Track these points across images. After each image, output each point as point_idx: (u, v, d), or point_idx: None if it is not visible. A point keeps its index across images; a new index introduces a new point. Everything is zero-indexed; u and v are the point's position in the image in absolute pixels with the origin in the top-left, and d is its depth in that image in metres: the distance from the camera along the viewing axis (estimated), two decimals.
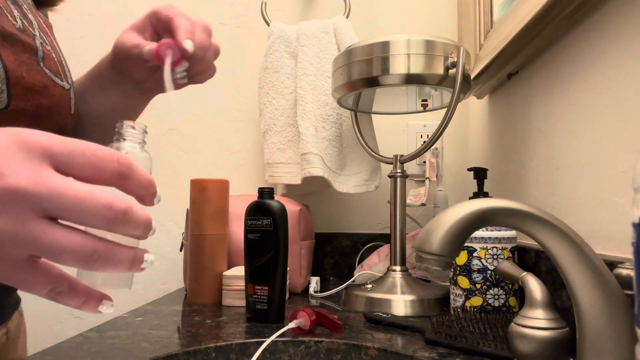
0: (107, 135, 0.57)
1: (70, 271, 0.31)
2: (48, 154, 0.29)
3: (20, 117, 0.48)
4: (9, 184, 0.27)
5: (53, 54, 0.53)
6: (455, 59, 0.83)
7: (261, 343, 0.59)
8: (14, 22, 0.47)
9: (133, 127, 0.40)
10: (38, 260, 0.30)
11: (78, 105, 0.62)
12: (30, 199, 0.27)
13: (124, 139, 0.40)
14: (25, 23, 0.50)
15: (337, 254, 1.21)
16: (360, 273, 1.00)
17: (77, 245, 0.29)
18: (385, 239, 1.19)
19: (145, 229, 0.31)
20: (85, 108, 0.64)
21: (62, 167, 0.29)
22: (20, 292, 0.62)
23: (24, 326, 0.65)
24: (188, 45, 0.53)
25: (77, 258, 0.29)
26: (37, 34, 0.51)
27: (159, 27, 0.58)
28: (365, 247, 1.19)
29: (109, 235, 0.31)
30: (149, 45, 0.56)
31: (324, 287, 1.04)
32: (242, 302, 0.83)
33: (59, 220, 0.29)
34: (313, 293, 0.96)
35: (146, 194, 0.32)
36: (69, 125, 0.55)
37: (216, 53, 0.60)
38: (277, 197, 1.08)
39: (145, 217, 0.31)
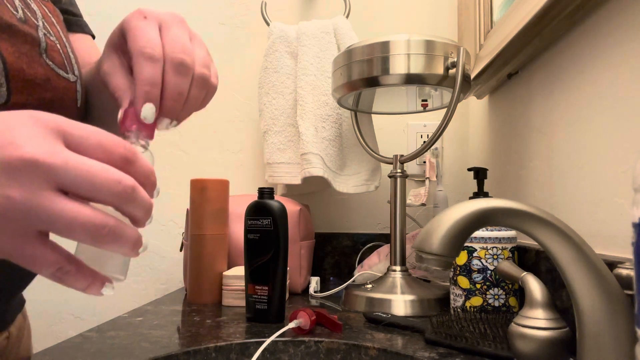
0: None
1: None
2: (62, 132, 0.30)
3: None
4: (25, 153, 0.27)
5: (58, 45, 0.51)
6: (455, 59, 0.83)
7: (261, 343, 0.59)
8: (14, 12, 0.46)
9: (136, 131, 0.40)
10: (47, 236, 0.30)
11: (89, 96, 0.59)
12: (45, 170, 0.28)
13: (127, 137, 0.40)
14: (28, 13, 0.48)
15: (337, 254, 1.21)
16: (360, 273, 1.00)
17: (89, 218, 0.29)
18: (385, 239, 1.19)
19: (147, 211, 0.32)
20: (95, 100, 0.61)
21: (74, 146, 0.30)
22: (23, 293, 0.62)
23: (27, 328, 0.65)
24: (147, 114, 0.40)
25: (88, 232, 0.29)
26: (41, 24, 0.49)
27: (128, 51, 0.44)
28: (365, 247, 1.19)
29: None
30: (119, 115, 0.42)
31: (324, 287, 1.04)
32: (242, 302, 0.83)
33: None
34: (313, 293, 0.96)
35: (147, 183, 0.33)
36: (76, 119, 0.53)
37: (205, 82, 0.44)
38: (277, 197, 1.08)
39: (148, 200, 0.32)
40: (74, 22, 0.65)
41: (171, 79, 0.41)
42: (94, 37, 0.70)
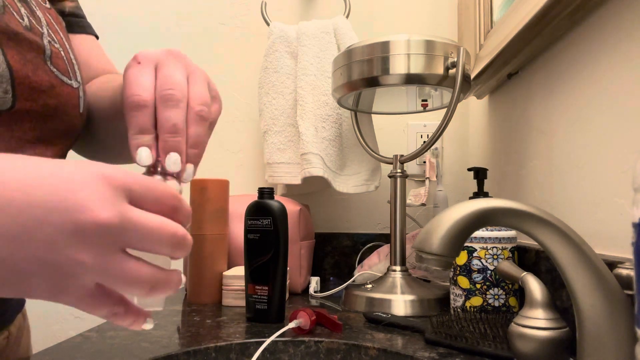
0: (115, 134, 0.57)
1: None
2: (127, 190, 0.31)
3: (26, 118, 0.47)
4: (98, 217, 0.29)
5: (62, 52, 0.51)
6: (455, 59, 0.83)
7: (261, 343, 0.59)
8: (20, 21, 0.47)
9: (170, 161, 0.40)
10: (104, 286, 0.32)
11: (90, 104, 0.60)
12: (116, 233, 0.29)
13: (164, 174, 0.41)
14: (33, 21, 0.49)
15: (337, 254, 1.21)
16: (360, 273, 1.00)
17: (146, 276, 0.31)
18: (385, 239, 1.19)
19: (188, 250, 0.35)
20: (99, 121, 0.61)
21: (136, 201, 0.32)
22: None
23: (27, 327, 0.65)
24: (172, 165, 0.39)
25: (142, 288, 0.31)
26: (45, 31, 0.50)
27: None
28: (365, 247, 1.19)
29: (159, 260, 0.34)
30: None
31: (324, 287, 1.04)
32: (242, 302, 0.83)
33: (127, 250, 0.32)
34: (313, 293, 0.96)
35: (186, 223, 0.36)
36: (78, 125, 0.54)
37: (201, 118, 0.42)
38: (277, 197, 1.08)
39: (191, 242, 0.35)
40: (76, 23, 0.65)
41: (162, 114, 0.40)
42: (97, 37, 0.69)
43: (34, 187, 0.29)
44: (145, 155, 0.39)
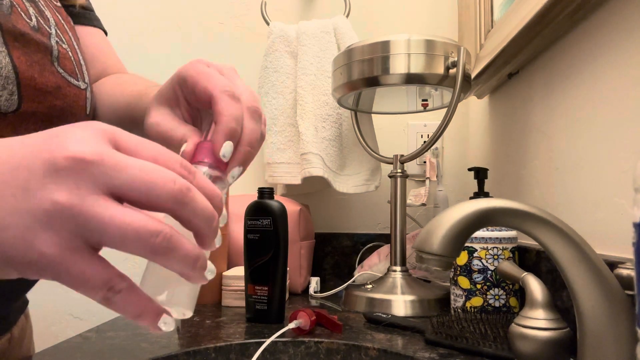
0: None
1: None
2: (115, 139, 0.28)
3: (32, 119, 0.46)
4: (74, 152, 0.25)
5: (70, 53, 0.51)
6: (456, 59, 0.83)
7: (261, 343, 0.59)
8: (27, 21, 0.46)
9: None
10: (97, 251, 0.27)
11: (100, 103, 0.59)
12: (94, 170, 0.25)
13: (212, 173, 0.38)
14: (41, 21, 0.48)
15: (337, 254, 1.21)
16: (361, 273, 1.00)
17: (141, 224, 0.26)
18: (385, 239, 1.19)
19: (208, 222, 0.29)
20: (107, 113, 0.60)
21: (127, 150, 0.28)
22: (27, 294, 0.62)
23: (29, 328, 0.65)
24: (227, 152, 0.37)
25: (141, 241, 0.26)
26: (54, 32, 0.49)
27: (192, 99, 0.42)
28: (366, 247, 1.19)
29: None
30: (186, 146, 0.40)
31: (324, 287, 1.04)
32: (242, 303, 0.83)
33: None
34: (313, 293, 0.96)
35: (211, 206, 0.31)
36: None
37: (263, 135, 0.43)
38: (277, 197, 1.07)
39: (209, 208, 0.29)
40: (83, 15, 0.64)
41: (248, 124, 0.39)
42: (105, 32, 0.69)
43: (21, 142, 0.27)
44: (229, 150, 0.38)
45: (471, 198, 0.76)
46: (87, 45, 0.62)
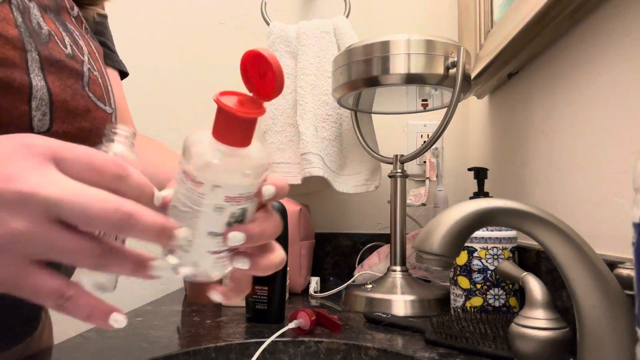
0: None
1: None
2: (55, 157, 0.30)
3: (61, 139, 0.48)
4: (22, 186, 0.28)
5: (99, 79, 0.55)
6: (456, 59, 0.83)
7: (261, 343, 0.59)
8: (63, 49, 0.50)
9: (123, 130, 0.39)
10: (44, 265, 0.30)
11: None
12: (42, 202, 0.28)
13: (113, 141, 0.39)
14: (75, 49, 0.52)
15: (337, 254, 1.21)
16: (361, 273, 1.00)
17: (87, 247, 0.29)
18: (385, 239, 1.19)
19: (157, 234, 0.31)
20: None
21: (68, 170, 0.30)
22: None
23: (49, 322, 0.66)
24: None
25: (87, 257, 0.29)
26: (86, 59, 0.53)
27: None
28: (365, 247, 1.19)
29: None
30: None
31: (324, 287, 1.04)
32: (242, 303, 0.83)
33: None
34: (313, 293, 0.96)
35: (142, 196, 0.32)
36: None
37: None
38: None
39: (153, 221, 0.30)
40: (107, 56, 0.69)
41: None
42: (126, 74, 0.73)
43: None
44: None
45: (471, 198, 0.76)
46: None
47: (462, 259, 0.72)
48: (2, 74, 0.44)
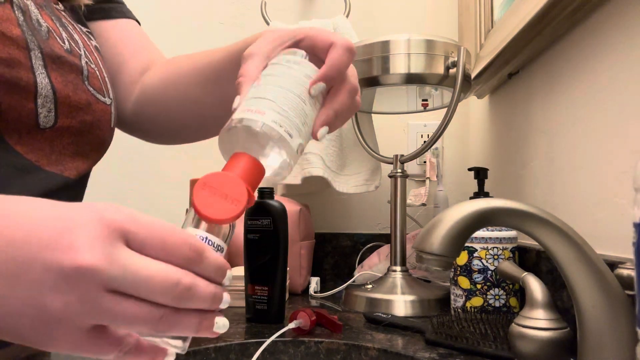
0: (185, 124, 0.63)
1: None
2: (125, 232, 0.30)
3: (66, 133, 0.51)
4: (82, 261, 0.28)
5: (97, 72, 0.56)
6: (456, 59, 0.83)
7: (261, 343, 0.59)
8: (62, 44, 0.51)
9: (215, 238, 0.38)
10: (104, 327, 0.30)
11: (175, 76, 0.63)
12: (100, 277, 0.28)
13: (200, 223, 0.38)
14: (72, 44, 0.53)
15: (337, 254, 1.21)
16: (361, 273, 1.00)
17: (146, 314, 0.30)
18: (385, 239, 1.19)
19: (212, 301, 0.33)
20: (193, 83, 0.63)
21: (136, 246, 0.30)
22: None
23: None
24: (316, 90, 0.42)
25: (145, 325, 0.30)
26: (83, 53, 0.54)
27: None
28: (366, 247, 1.19)
29: None
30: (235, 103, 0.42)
31: (324, 287, 1.04)
32: (242, 303, 0.83)
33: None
34: (313, 293, 0.96)
35: (214, 278, 0.34)
36: (109, 139, 0.58)
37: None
38: (277, 197, 1.07)
39: (210, 292, 0.33)
40: (114, 9, 0.69)
41: (343, 95, 0.44)
42: (138, 22, 0.73)
43: (36, 226, 0.29)
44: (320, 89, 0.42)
45: (471, 198, 0.76)
46: (128, 38, 0.68)
47: (462, 259, 0.72)
48: (9, 74, 0.45)
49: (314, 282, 0.99)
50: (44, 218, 0.29)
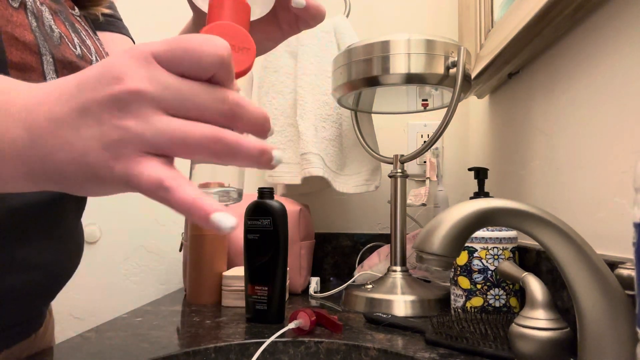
0: None
1: None
2: (153, 54, 0.30)
3: None
4: (129, 86, 0.29)
5: None
6: (456, 59, 0.83)
7: (261, 343, 0.59)
8: (74, 50, 0.52)
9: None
10: (149, 154, 0.30)
11: None
12: (150, 98, 0.29)
13: None
14: (84, 49, 0.54)
15: (337, 254, 1.21)
16: (361, 273, 1.00)
17: (202, 131, 0.29)
18: (385, 239, 1.19)
19: (262, 123, 0.32)
20: None
21: (169, 65, 0.30)
22: None
23: (52, 323, 0.66)
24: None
25: (203, 145, 0.29)
26: (94, 58, 0.55)
27: None
28: (366, 247, 1.19)
29: None
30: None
31: (324, 287, 1.04)
32: (242, 303, 0.83)
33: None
34: (313, 293, 0.96)
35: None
36: None
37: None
38: (277, 197, 1.07)
39: (257, 112, 0.32)
40: (112, 23, 0.72)
41: None
42: (133, 41, 0.75)
43: (81, 75, 0.31)
44: None
45: (471, 198, 0.76)
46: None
47: (462, 259, 0.72)
48: (22, 78, 0.45)
49: (314, 282, 0.99)
50: (86, 71, 0.31)
